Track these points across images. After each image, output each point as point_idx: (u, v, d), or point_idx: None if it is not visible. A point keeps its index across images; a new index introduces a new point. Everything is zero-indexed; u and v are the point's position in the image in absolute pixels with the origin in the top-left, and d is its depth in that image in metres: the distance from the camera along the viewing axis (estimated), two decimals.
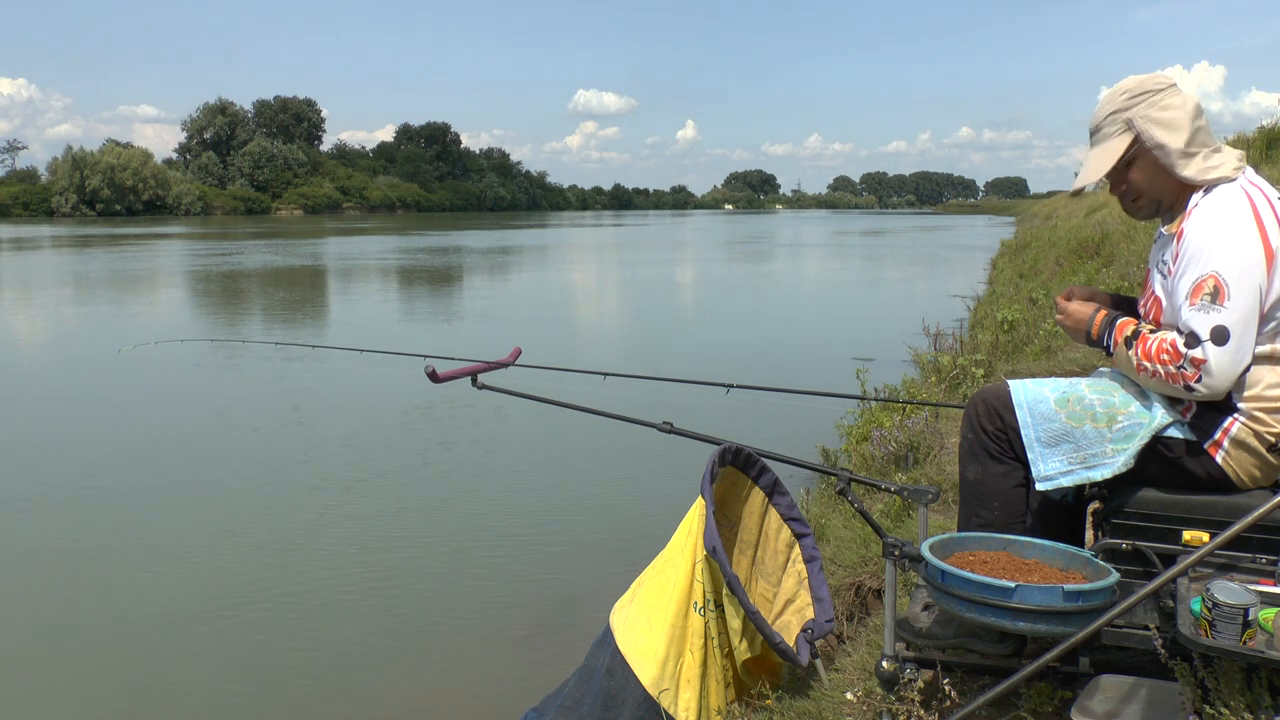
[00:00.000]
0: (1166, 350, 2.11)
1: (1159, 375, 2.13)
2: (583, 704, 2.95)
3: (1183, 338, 2.08)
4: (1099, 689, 2.09)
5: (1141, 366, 2.17)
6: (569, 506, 6.66)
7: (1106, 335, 2.29)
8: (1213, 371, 2.04)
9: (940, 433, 5.35)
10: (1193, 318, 2.07)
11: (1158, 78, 2.26)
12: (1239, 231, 2.07)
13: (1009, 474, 2.35)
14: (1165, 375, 2.11)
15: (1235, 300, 2.04)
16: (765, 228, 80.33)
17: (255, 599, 5.11)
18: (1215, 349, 2.03)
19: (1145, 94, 2.23)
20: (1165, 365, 2.11)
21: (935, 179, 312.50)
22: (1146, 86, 2.24)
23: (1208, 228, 2.10)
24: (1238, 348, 2.04)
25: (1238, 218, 2.09)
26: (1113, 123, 2.27)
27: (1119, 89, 2.28)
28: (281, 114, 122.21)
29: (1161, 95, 2.22)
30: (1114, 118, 2.26)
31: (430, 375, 3.10)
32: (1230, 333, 2.03)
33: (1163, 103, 2.21)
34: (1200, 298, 2.06)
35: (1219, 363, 2.04)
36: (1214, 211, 2.12)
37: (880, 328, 14.72)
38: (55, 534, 6.03)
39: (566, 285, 25.64)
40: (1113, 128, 2.27)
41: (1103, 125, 2.29)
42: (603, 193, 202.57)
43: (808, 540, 3.09)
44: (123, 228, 64.51)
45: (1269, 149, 13.97)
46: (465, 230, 63.10)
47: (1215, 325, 2.03)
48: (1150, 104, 2.22)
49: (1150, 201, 2.29)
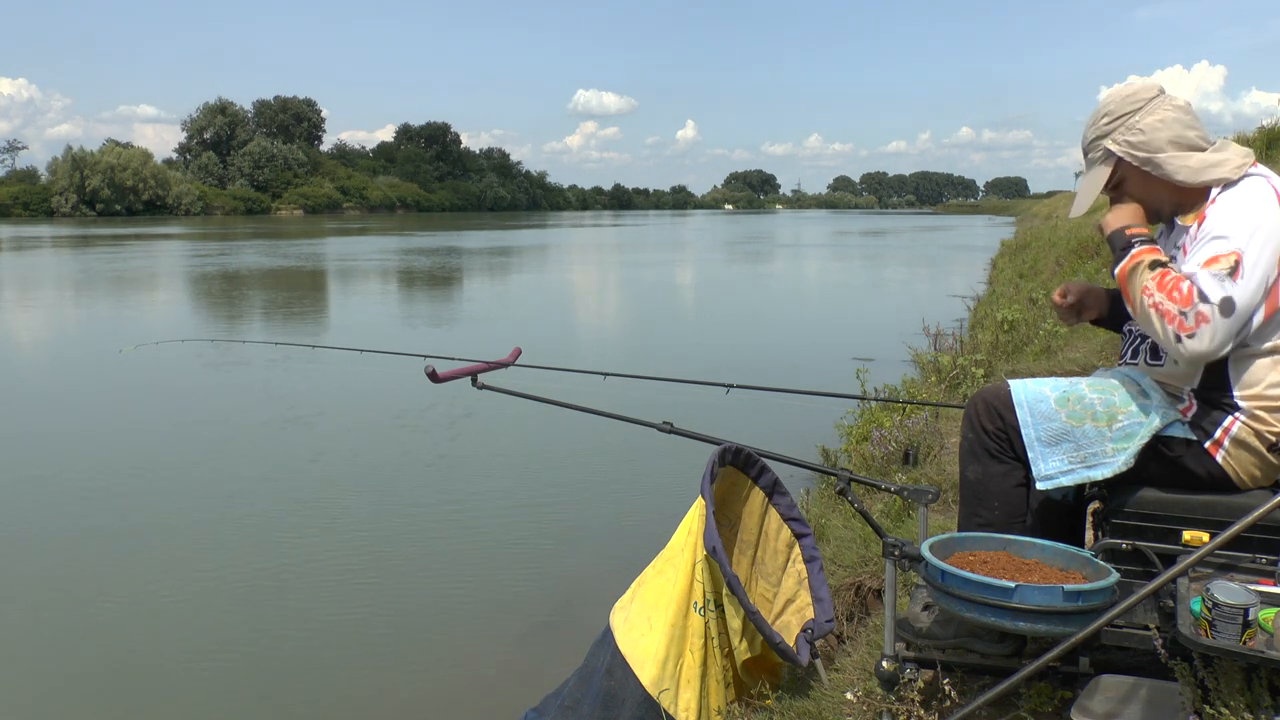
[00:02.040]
0: (1181, 290, 2.03)
1: (1159, 307, 2.03)
2: (583, 704, 2.95)
3: (1198, 290, 2.02)
4: (1099, 689, 2.09)
5: (1146, 289, 2.06)
6: (569, 506, 6.66)
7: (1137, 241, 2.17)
8: (1207, 335, 1.99)
9: (940, 433, 5.35)
10: (1207, 280, 2.02)
11: (1140, 90, 2.25)
12: (1266, 216, 2.06)
13: (1009, 473, 2.35)
14: (1163, 311, 2.02)
15: (1247, 281, 2.02)
16: (765, 228, 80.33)
17: (255, 599, 5.11)
18: (1219, 317, 2.00)
19: (1124, 115, 2.23)
20: (1173, 302, 2.02)
21: (935, 179, 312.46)
22: (1125, 107, 2.24)
23: (1235, 210, 2.09)
24: (1234, 327, 2.01)
25: (1264, 204, 2.08)
26: (1096, 148, 2.29)
27: (1101, 109, 2.28)
28: (281, 114, 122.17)
29: (1140, 114, 2.22)
30: (1096, 144, 2.28)
31: (430, 375, 3.10)
32: (1235, 308, 2.00)
33: (1142, 123, 2.21)
34: (1218, 265, 2.03)
35: (1217, 329, 2.00)
36: (1241, 198, 2.11)
37: (880, 328, 14.71)
38: (54, 534, 6.03)
39: (566, 285, 25.64)
40: (1096, 153, 2.29)
41: (1088, 150, 2.31)
42: (603, 193, 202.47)
43: (808, 540, 3.09)
44: (123, 228, 64.50)
45: (1269, 149, 13.97)
46: (465, 230, 63.09)
47: (1225, 296, 2.00)
48: (1128, 127, 2.22)
49: (1149, 211, 2.28)
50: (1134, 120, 2.22)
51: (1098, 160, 2.29)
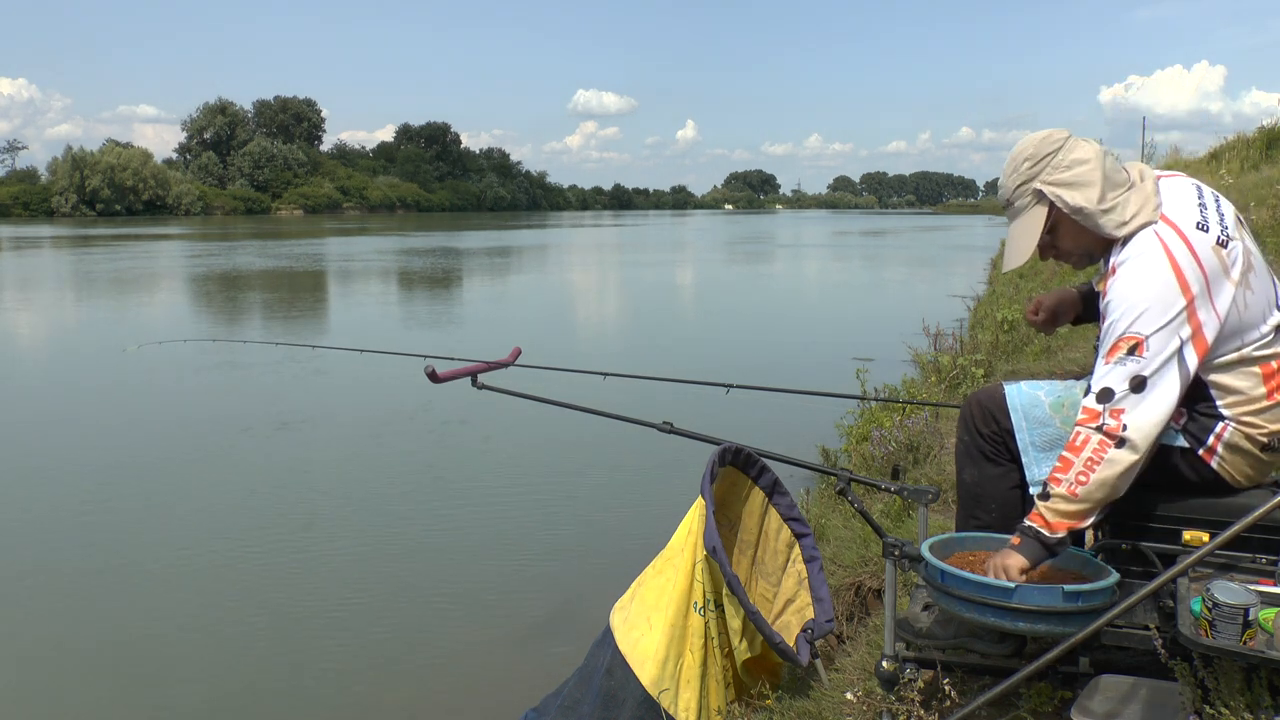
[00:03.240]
0: (1080, 429, 2.02)
1: (1091, 461, 1.99)
2: (583, 704, 2.95)
3: (1094, 397, 2.02)
4: (1099, 689, 2.09)
5: (1071, 483, 2.01)
6: (569, 506, 6.66)
7: (1040, 526, 2.05)
8: (1135, 416, 1.98)
9: (940, 433, 5.35)
10: (1109, 373, 2.01)
11: (1051, 136, 2.18)
12: (1156, 287, 2.01)
13: (1005, 476, 2.35)
14: (1097, 443, 1.99)
15: (1153, 350, 1.99)
16: (765, 228, 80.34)
17: (254, 599, 5.11)
18: (1133, 396, 1.99)
19: (1046, 156, 2.15)
20: (1087, 443, 2.00)
21: (935, 179, 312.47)
22: (1044, 149, 2.16)
23: (1125, 288, 2.04)
24: (1158, 396, 1.99)
25: (1153, 272, 2.03)
26: (1022, 194, 2.18)
27: (1018, 156, 2.19)
28: (281, 114, 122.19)
29: (1061, 154, 2.15)
30: (1023, 189, 2.19)
31: (430, 375, 3.10)
32: (1148, 381, 1.99)
33: (1065, 162, 2.14)
34: (1117, 355, 2.01)
35: (1139, 408, 1.98)
36: (1130, 271, 2.05)
37: (880, 328, 14.71)
38: (55, 533, 6.03)
39: (566, 285, 25.64)
40: (1024, 199, 2.19)
41: (1013, 199, 2.22)
42: (603, 193, 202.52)
43: (808, 540, 3.09)
44: (123, 228, 64.51)
45: (1269, 149, 13.97)
46: (465, 230, 63.09)
47: (1132, 375, 1.99)
48: (1054, 167, 2.14)
49: (1082, 257, 2.24)
50: (1057, 159, 2.15)
51: (1028, 205, 2.18)
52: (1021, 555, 2.03)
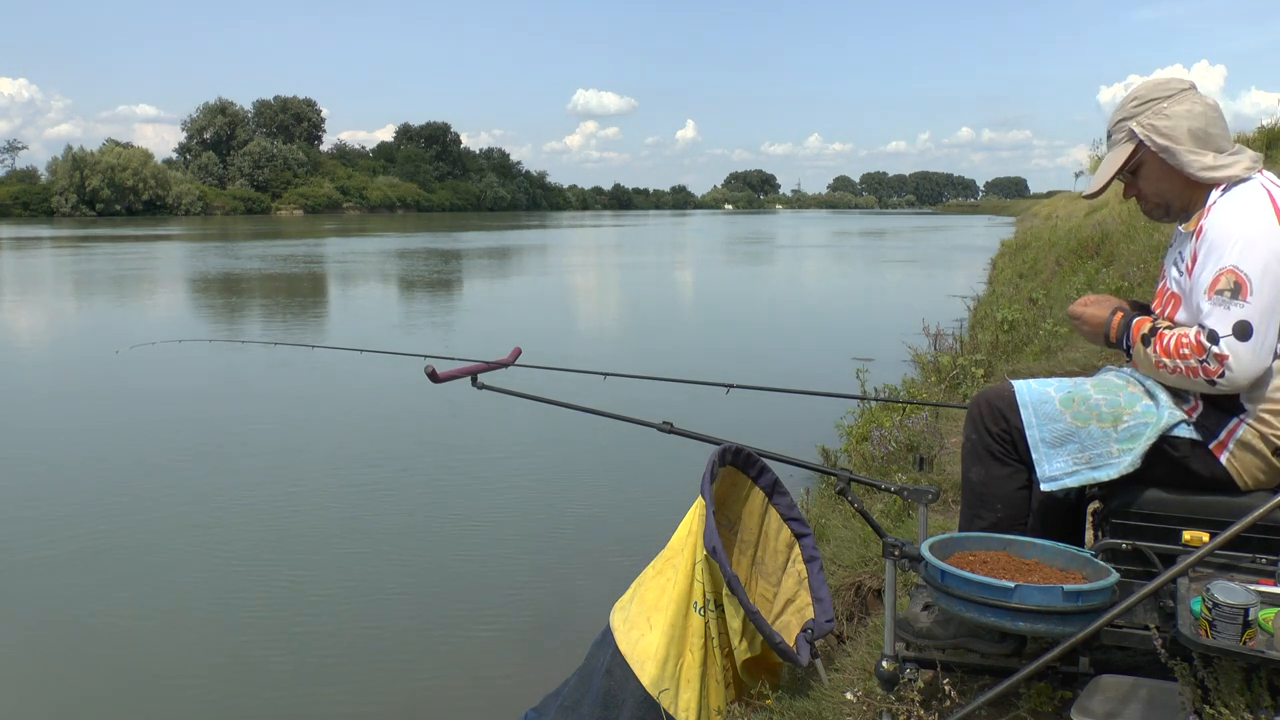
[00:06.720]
0: (1187, 345, 2.08)
1: (1180, 371, 2.10)
2: (583, 704, 2.95)
3: (1204, 332, 2.05)
4: (1099, 689, 2.08)
5: (1160, 363, 2.14)
6: (569, 506, 6.66)
7: (1125, 335, 2.26)
8: (1236, 367, 2.02)
9: (940, 433, 5.35)
10: (1213, 313, 2.05)
11: (1173, 81, 2.26)
12: (1260, 226, 2.07)
13: (1012, 476, 2.34)
14: (1187, 370, 2.08)
15: (1257, 295, 2.02)
16: (765, 228, 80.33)
17: (255, 599, 5.11)
18: (1238, 344, 2.01)
19: (1153, 100, 2.23)
20: (1186, 360, 2.08)
21: (935, 179, 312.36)
22: (1156, 93, 2.24)
23: (1227, 223, 2.09)
24: (1260, 342, 2.02)
25: (1258, 213, 2.08)
26: (1120, 129, 2.29)
27: (1131, 94, 2.29)
28: (281, 114, 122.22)
29: (1169, 101, 2.22)
30: (1121, 125, 2.28)
31: (430, 375, 3.10)
32: (1253, 327, 2.01)
33: (1169, 110, 2.21)
34: (1219, 292, 2.04)
35: (1242, 357, 2.01)
36: (1234, 207, 2.11)
37: (880, 328, 14.71)
38: (55, 532, 6.03)
39: (566, 285, 25.64)
40: (1119, 134, 2.29)
41: (1112, 131, 2.32)
42: (603, 193, 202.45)
43: (808, 540, 3.09)
44: (123, 228, 64.49)
45: (1269, 149, 13.97)
46: (465, 230, 63.07)
47: (1237, 320, 2.01)
48: (1155, 112, 2.22)
49: (1158, 205, 2.30)
50: (1161, 106, 2.22)
51: (1120, 140, 2.29)
52: (1097, 324, 2.32)
